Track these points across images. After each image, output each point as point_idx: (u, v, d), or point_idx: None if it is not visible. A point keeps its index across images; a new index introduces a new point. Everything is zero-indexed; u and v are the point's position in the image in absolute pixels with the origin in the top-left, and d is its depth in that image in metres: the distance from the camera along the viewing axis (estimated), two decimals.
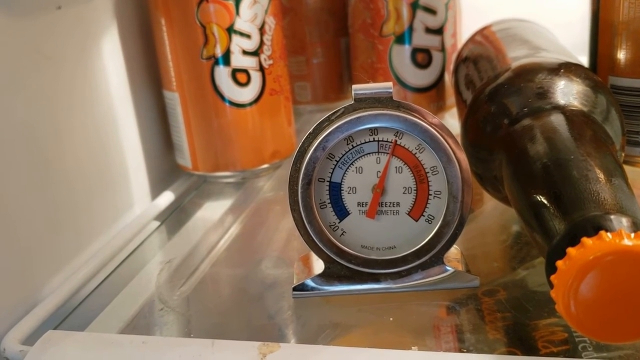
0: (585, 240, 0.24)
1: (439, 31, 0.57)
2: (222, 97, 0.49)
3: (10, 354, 0.33)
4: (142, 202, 0.50)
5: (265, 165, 0.53)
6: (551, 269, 0.25)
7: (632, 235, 0.23)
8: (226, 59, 0.48)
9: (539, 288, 0.34)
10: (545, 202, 0.28)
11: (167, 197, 0.50)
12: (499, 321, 0.32)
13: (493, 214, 0.44)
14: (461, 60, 0.52)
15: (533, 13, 0.57)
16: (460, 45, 0.58)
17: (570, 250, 0.24)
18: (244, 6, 0.47)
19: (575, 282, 0.23)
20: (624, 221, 0.25)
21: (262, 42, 0.49)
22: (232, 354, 0.29)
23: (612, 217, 0.25)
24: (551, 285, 0.24)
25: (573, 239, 0.25)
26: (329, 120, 0.33)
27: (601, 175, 0.29)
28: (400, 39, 0.57)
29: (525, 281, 0.34)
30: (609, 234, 0.24)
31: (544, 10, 0.61)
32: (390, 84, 0.33)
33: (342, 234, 0.34)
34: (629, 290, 0.23)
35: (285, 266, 0.39)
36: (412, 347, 0.29)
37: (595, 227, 0.25)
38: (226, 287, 0.40)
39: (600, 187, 0.28)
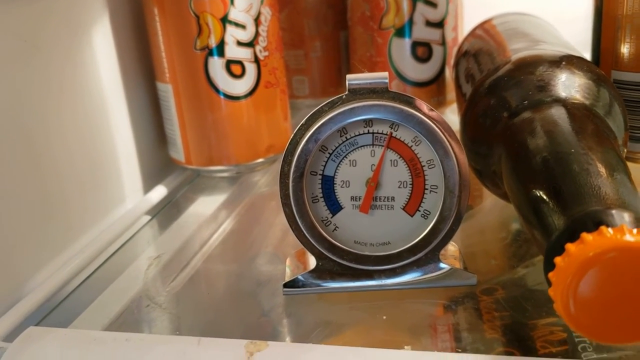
0: (585, 235, 0.23)
1: (439, 24, 0.58)
2: (216, 89, 0.49)
3: None
4: (133, 196, 0.50)
5: (260, 160, 0.53)
6: (549, 266, 0.24)
7: (635, 231, 0.22)
8: (220, 49, 0.49)
9: (538, 287, 0.33)
10: (544, 196, 0.28)
11: (159, 192, 0.50)
12: (496, 320, 0.32)
13: (492, 210, 0.44)
14: (462, 54, 0.52)
15: (537, 8, 0.58)
16: (461, 39, 0.58)
17: (569, 247, 0.23)
18: None
19: (575, 280, 0.23)
20: (626, 216, 0.24)
21: (257, 33, 0.49)
22: (218, 352, 0.29)
23: (613, 212, 0.25)
24: (549, 283, 0.24)
25: (572, 235, 0.24)
26: (321, 112, 0.32)
27: (603, 170, 0.28)
28: (400, 32, 0.57)
29: (524, 280, 0.34)
30: (610, 229, 0.23)
31: (549, 5, 0.61)
32: (385, 73, 0.32)
33: (335, 229, 0.33)
34: (632, 288, 0.22)
35: (279, 263, 0.39)
36: (405, 347, 0.29)
37: (595, 222, 0.24)
38: (218, 283, 0.40)
39: (602, 182, 0.27)
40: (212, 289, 0.39)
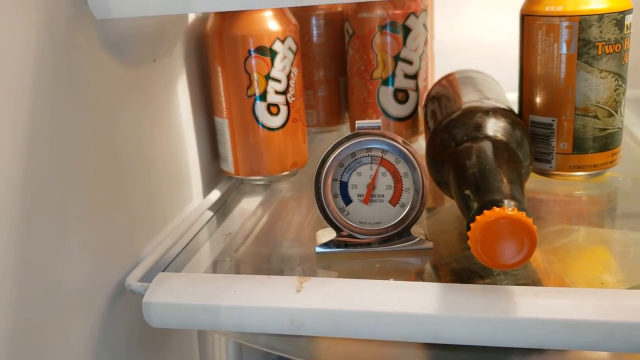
0: (486, 211, 0.39)
1: (414, 76, 0.68)
2: (259, 123, 0.61)
3: (134, 287, 0.47)
4: (198, 196, 0.63)
5: (286, 173, 0.64)
6: (468, 229, 0.40)
7: (510, 209, 0.39)
8: (263, 96, 0.60)
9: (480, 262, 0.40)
10: (469, 193, 0.44)
11: (215, 194, 0.64)
12: (449, 281, 0.44)
13: (450, 209, 0.54)
14: (430, 99, 0.64)
15: (495, 61, 0.69)
16: (430, 86, 0.68)
17: (477, 217, 0.39)
18: (277, 60, 0.60)
19: (480, 235, 0.39)
20: (512, 203, 0.40)
21: (288, 85, 0.61)
22: (281, 282, 0.44)
23: (505, 200, 0.40)
24: (468, 238, 0.39)
25: (480, 212, 0.40)
26: (341, 143, 0.47)
27: (504, 179, 0.43)
28: (385, 82, 0.67)
29: (471, 257, 0.41)
30: (498, 209, 0.39)
31: (502, 63, 0.67)
32: (379, 121, 0.47)
33: (347, 214, 0.48)
34: (507, 238, 0.39)
35: (298, 245, 0.51)
36: (390, 279, 0.44)
37: (493, 205, 0.40)
38: (264, 254, 0.53)
39: (502, 185, 0.43)
40: (262, 256, 0.52)
